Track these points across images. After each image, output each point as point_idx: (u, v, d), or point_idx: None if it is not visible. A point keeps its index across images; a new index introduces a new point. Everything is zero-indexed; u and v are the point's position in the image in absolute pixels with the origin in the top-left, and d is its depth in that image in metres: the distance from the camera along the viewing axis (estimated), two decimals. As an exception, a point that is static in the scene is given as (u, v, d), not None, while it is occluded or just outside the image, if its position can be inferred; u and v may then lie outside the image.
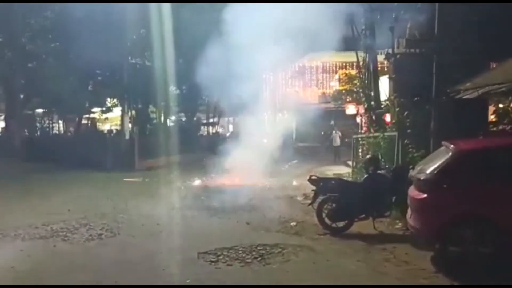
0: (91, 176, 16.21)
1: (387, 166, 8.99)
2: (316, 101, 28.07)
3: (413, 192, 6.55)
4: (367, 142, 13.00)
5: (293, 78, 29.57)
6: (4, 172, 16.34)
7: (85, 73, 21.69)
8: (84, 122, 28.20)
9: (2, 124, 29.09)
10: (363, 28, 14.42)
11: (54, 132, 29.73)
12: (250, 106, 13.90)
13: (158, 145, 20.39)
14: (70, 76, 20.79)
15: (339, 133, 23.06)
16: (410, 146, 10.06)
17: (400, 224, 8.19)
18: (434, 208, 6.10)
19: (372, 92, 14.40)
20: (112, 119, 29.73)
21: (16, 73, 22.32)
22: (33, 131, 26.85)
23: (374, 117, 13.93)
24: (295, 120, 20.47)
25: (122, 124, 22.93)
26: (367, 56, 14.70)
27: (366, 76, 14.98)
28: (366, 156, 10.84)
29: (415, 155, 9.74)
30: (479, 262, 5.76)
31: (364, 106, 15.57)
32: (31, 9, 21.05)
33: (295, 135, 24.79)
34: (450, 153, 6.36)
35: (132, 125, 23.64)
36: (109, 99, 26.37)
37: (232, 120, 32.82)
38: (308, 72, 29.64)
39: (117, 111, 26.41)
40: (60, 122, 31.11)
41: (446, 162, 6.23)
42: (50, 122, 29.69)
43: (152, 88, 20.98)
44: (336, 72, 28.62)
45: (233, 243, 7.23)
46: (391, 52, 12.49)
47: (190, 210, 10.22)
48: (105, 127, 31.69)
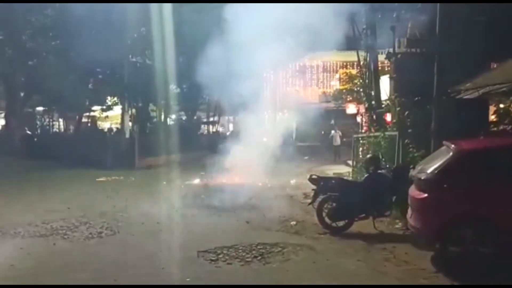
0: (91, 174, 16.18)
1: (387, 166, 9.00)
2: (317, 100, 27.97)
3: (413, 191, 6.55)
4: (368, 142, 12.99)
5: (293, 77, 29.51)
6: (4, 170, 16.33)
7: (85, 71, 21.71)
8: (84, 120, 28.21)
9: (2, 122, 29.08)
10: (364, 28, 14.41)
11: (54, 130, 29.75)
12: (251, 105, 13.86)
13: (158, 143, 20.39)
14: (71, 74, 20.80)
15: (339, 132, 23.05)
16: (411, 146, 10.07)
17: (400, 223, 8.19)
18: (434, 208, 6.10)
19: (373, 91, 14.40)
20: (112, 117, 29.72)
21: (17, 70, 22.32)
22: (33, 129, 26.85)
23: (375, 116, 13.93)
24: (295, 119, 20.40)
25: (123, 123, 22.92)
26: (368, 56, 14.70)
27: (367, 76, 14.98)
28: (367, 155, 10.82)
29: (415, 154, 9.75)
30: (479, 262, 5.75)
31: (364, 106, 15.57)
32: (32, 7, 21.02)
33: (295, 135, 24.70)
34: (450, 153, 6.36)
35: (133, 123, 23.66)
36: (109, 97, 26.36)
37: (232, 119, 32.76)
38: (309, 71, 29.56)
39: (117, 110, 26.39)
40: (61, 120, 31.11)
41: (447, 162, 6.23)
42: (50, 120, 29.70)
43: (153, 86, 20.97)
44: (337, 71, 28.56)
45: (233, 242, 7.23)
46: (392, 51, 12.48)
47: (190, 209, 10.22)
48: (105, 125, 31.67)
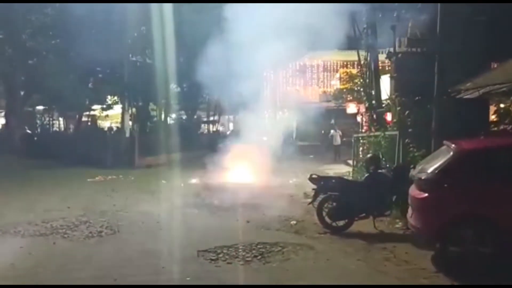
0: (91, 173, 16.17)
1: (387, 165, 9.00)
2: (317, 99, 28.00)
3: (414, 191, 6.54)
4: (368, 141, 12.98)
5: (294, 76, 29.51)
6: (4, 169, 16.33)
7: (85, 70, 21.69)
8: (84, 119, 28.19)
9: (2, 121, 29.08)
10: (365, 27, 14.40)
11: (54, 129, 29.74)
12: (251, 105, 13.88)
13: (158, 143, 20.39)
14: (71, 73, 20.80)
15: (340, 132, 23.05)
16: (411, 146, 10.06)
17: (401, 223, 8.18)
18: (434, 208, 6.09)
19: (373, 91, 14.39)
20: (112, 116, 29.71)
21: (17, 69, 22.32)
22: (33, 128, 26.85)
23: (375, 116, 13.91)
24: (295, 118, 20.44)
25: (123, 122, 22.90)
26: (369, 55, 14.68)
27: (367, 75, 14.96)
28: (367, 155, 10.81)
29: (416, 154, 9.74)
30: (479, 262, 5.75)
31: (365, 105, 15.55)
32: (32, 6, 21.01)
33: (295, 134, 24.74)
34: (451, 152, 6.35)
35: (133, 122, 23.64)
36: (109, 96, 26.35)
37: (232, 118, 32.76)
38: (309, 71, 29.57)
39: (117, 109, 26.38)
40: (61, 119, 31.10)
41: (447, 162, 6.22)
42: (51, 119, 29.69)
43: (153, 85, 20.97)
44: (337, 70, 28.56)
45: (233, 241, 7.22)
46: (392, 51, 12.45)
47: (190, 208, 10.22)
48: (105, 124, 31.66)
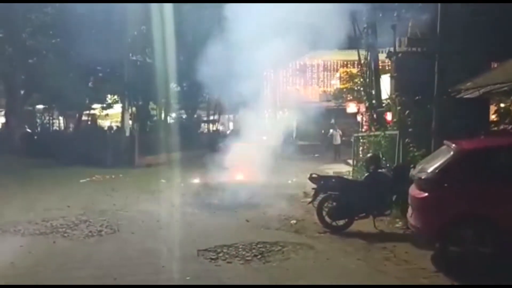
0: (91, 172, 16.16)
1: (387, 165, 9.01)
2: (317, 99, 28.01)
3: (414, 191, 6.54)
4: (368, 141, 12.98)
5: (294, 76, 29.51)
6: (4, 168, 16.31)
7: (85, 69, 21.68)
8: (84, 118, 28.18)
9: (2, 120, 29.07)
10: (365, 27, 14.38)
11: (54, 128, 29.73)
12: (251, 104, 13.86)
13: (158, 142, 20.39)
14: (71, 72, 20.77)
15: (340, 131, 23.05)
16: (411, 145, 10.06)
17: (401, 223, 8.18)
18: (434, 208, 6.09)
19: (373, 90, 14.37)
20: (112, 115, 29.68)
21: (17, 69, 22.29)
22: (33, 127, 26.84)
23: (375, 115, 13.90)
24: (295, 118, 20.42)
25: (123, 121, 22.89)
26: (369, 55, 14.66)
27: (368, 75, 14.94)
28: (367, 154, 10.82)
29: (416, 154, 9.74)
30: (479, 262, 5.74)
31: (365, 105, 15.54)
32: (32, 5, 20.98)
33: (295, 133, 24.74)
34: (451, 152, 6.34)
35: (133, 122, 23.63)
36: (109, 95, 26.34)
37: (232, 118, 32.77)
38: (309, 70, 29.59)
39: (117, 108, 26.37)
40: (60, 118, 31.10)
41: (447, 162, 6.22)
42: (50, 118, 29.68)
43: (153, 85, 20.96)
44: (337, 70, 28.58)
45: (233, 240, 7.22)
46: (392, 50, 12.46)
47: (190, 207, 10.22)
48: (105, 123, 31.65)
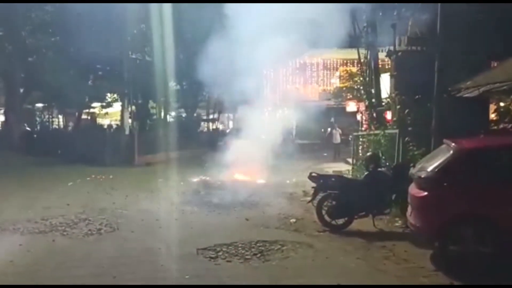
0: (91, 171, 16.15)
1: (387, 164, 9.00)
2: (317, 98, 27.98)
3: (413, 190, 6.53)
4: (368, 140, 12.97)
5: (293, 74, 29.47)
6: (3, 166, 16.32)
7: (85, 67, 21.67)
8: (84, 117, 28.19)
9: (1, 118, 29.05)
10: (365, 25, 14.38)
11: (53, 127, 29.74)
12: (251, 103, 13.85)
13: (157, 140, 20.38)
14: (70, 71, 20.77)
15: (339, 130, 23.04)
16: (411, 144, 10.06)
17: (400, 222, 8.18)
18: (434, 207, 6.08)
19: (373, 89, 14.38)
20: (112, 114, 29.68)
21: (16, 67, 22.29)
22: (32, 126, 26.85)
23: (375, 114, 13.91)
24: (295, 117, 20.40)
25: (122, 119, 22.88)
26: (369, 53, 14.67)
27: (367, 74, 14.95)
28: (367, 153, 10.82)
29: (415, 153, 9.74)
30: (479, 262, 5.73)
31: (364, 104, 15.53)
32: (32, 3, 20.96)
33: (295, 132, 24.73)
34: (451, 151, 6.33)
35: (132, 120, 23.60)
36: (109, 94, 26.34)
37: (232, 117, 32.77)
38: (309, 69, 29.55)
39: (117, 106, 26.38)
40: (60, 116, 31.10)
41: (447, 160, 6.21)
42: (50, 117, 29.70)
43: (152, 83, 20.94)
44: (337, 69, 28.53)
45: (232, 239, 7.22)
46: (392, 49, 12.45)
47: (189, 206, 10.21)
48: (105, 122, 31.65)
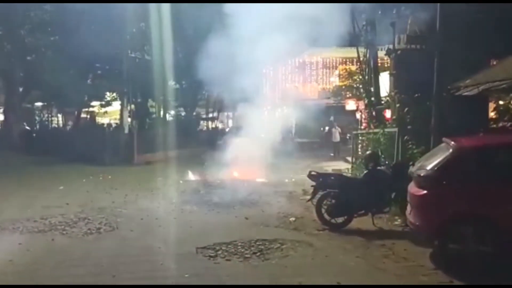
0: (90, 170, 16.15)
1: (387, 162, 9.00)
2: (316, 96, 27.95)
3: (413, 188, 6.52)
4: (367, 138, 12.97)
5: (293, 73, 29.45)
6: (2, 165, 16.30)
7: (84, 66, 21.66)
8: (83, 115, 28.16)
9: (1, 117, 29.03)
10: (364, 24, 14.37)
11: (53, 126, 29.73)
12: (250, 101, 13.85)
13: (157, 139, 20.34)
14: (70, 70, 20.76)
15: (339, 129, 23.04)
16: (410, 143, 10.05)
17: (399, 220, 8.18)
18: (434, 205, 6.07)
19: (372, 88, 14.38)
20: (111, 113, 29.70)
21: (15, 66, 22.29)
22: (32, 125, 26.85)
23: (374, 113, 13.90)
24: (294, 115, 20.41)
25: (121, 118, 22.88)
26: (368, 52, 14.66)
27: (367, 72, 14.95)
28: (366, 152, 10.82)
29: (415, 151, 9.73)
30: (479, 260, 5.72)
31: (364, 102, 15.54)
32: (31, 3, 20.96)
33: (294, 131, 24.73)
34: (450, 149, 6.32)
35: (131, 119, 23.61)
36: (108, 93, 26.33)
37: (231, 115, 32.76)
38: (308, 68, 29.52)
39: (116, 105, 26.36)
40: (59, 115, 31.09)
41: (447, 159, 6.20)
42: (49, 116, 29.69)
43: (152, 82, 20.89)
44: (336, 67, 28.51)
45: (231, 238, 7.21)
46: (391, 48, 12.44)
47: (189, 205, 10.20)
48: (104, 121, 31.64)
